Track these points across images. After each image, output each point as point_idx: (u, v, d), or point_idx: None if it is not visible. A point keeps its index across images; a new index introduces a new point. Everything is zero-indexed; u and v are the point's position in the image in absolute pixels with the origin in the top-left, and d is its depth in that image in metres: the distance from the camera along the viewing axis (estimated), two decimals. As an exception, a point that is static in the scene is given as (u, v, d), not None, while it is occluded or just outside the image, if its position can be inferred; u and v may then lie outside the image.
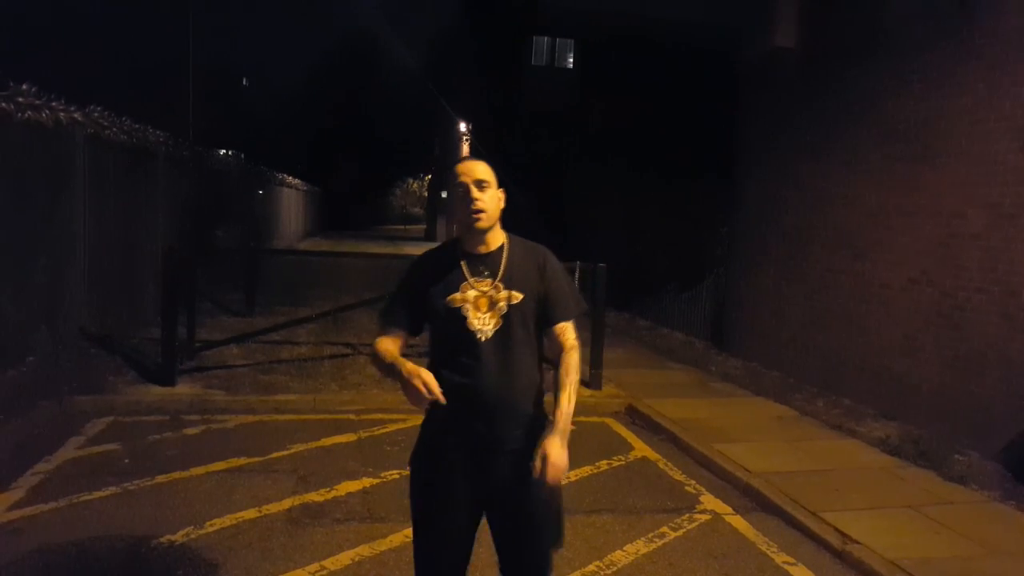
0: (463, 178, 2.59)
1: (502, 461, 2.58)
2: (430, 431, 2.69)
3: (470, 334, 2.56)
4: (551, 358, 2.70)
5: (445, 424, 2.61)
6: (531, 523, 2.63)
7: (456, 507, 2.62)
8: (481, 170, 2.60)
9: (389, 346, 2.65)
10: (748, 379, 9.03)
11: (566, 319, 2.68)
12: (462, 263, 2.63)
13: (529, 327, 2.64)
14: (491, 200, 2.60)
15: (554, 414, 2.52)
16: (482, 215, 2.58)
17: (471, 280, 2.60)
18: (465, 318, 2.57)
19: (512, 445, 2.57)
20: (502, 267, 2.62)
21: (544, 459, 2.40)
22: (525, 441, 2.55)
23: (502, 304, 2.58)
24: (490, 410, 2.56)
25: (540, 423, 2.61)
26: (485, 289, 2.59)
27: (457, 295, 2.59)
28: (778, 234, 9.58)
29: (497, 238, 2.68)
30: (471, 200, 2.56)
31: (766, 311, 9.79)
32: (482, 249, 2.65)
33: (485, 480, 2.60)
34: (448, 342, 2.62)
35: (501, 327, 2.58)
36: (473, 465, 2.59)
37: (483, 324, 2.57)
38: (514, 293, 2.60)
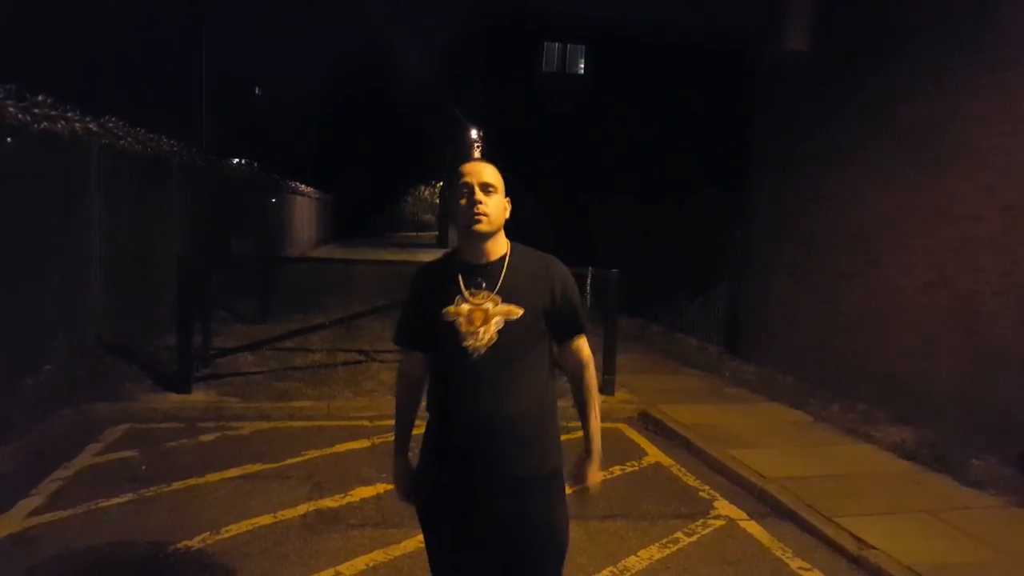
0: (468, 178, 2.46)
1: (502, 492, 2.41)
2: (427, 460, 2.56)
3: (462, 351, 2.39)
4: (565, 372, 2.65)
5: (440, 452, 2.50)
6: (536, 545, 2.48)
7: (460, 542, 2.48)
8: (488, 173, 2.48)
9: (402, 404, 2.69)
10: (762, 384, 9.00)
11: (580, 333, 2.58)
12: (459, 275, 2.48)
13: (532, 344, 2.46)
14: (495, 206, 2.46)
15: (585, 438, 2.61)
16: (483, 218, 2.43)
17: (466, 292, 2.44)
18: (457, 333, 2.40)
19: (512, 474, 2.41)
20: (501, 279, 2.45)
21: (582, 482, 2.50)
22: (527, 470, 2.43)
23: (498, 319, 2.40)
24: (484, 435, 2.39)
25: (546, 448, 2.50)
26: (480, 302, 2.42)
27: (451, 308, 2.43)
28: (792, 238, 9.55)
29: (499, 248, 2.51)
30: (474, 202, 2.42)
31: (780, 316, 9.76)
32: (481, 259, 2.49)
33: (486, 513, 2.42)
34: (443, 359, 2.48)
35: (496, 343, 2.39)
36: (472, 497, 2.42)
37: (476, 341, 2.39)
38: (513, 308, 2.42)
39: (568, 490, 2.57)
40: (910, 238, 7.55)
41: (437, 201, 53.93)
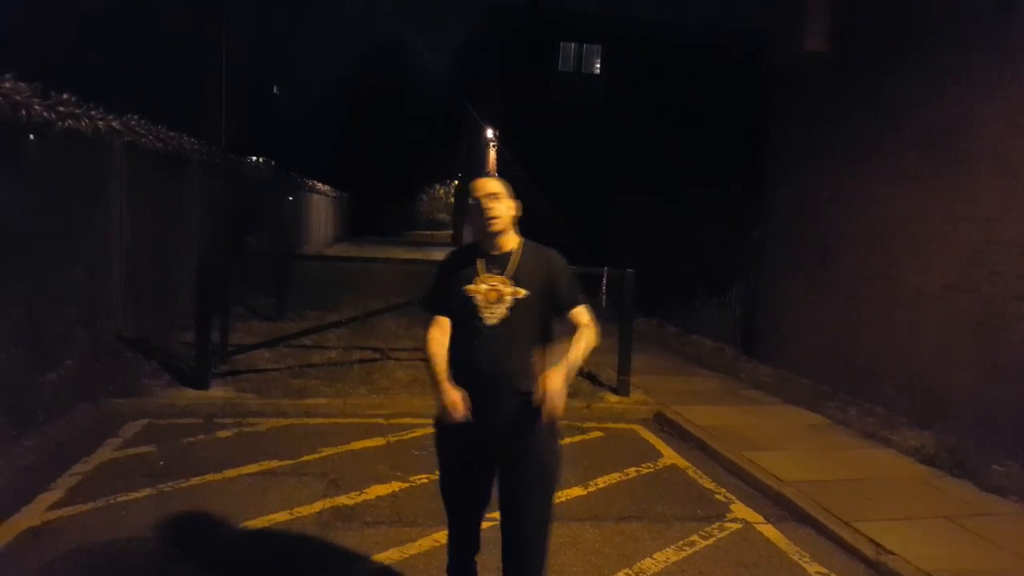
0: (478, 193, 3.19)
1: (501, 423, 3.10)
2: None
3: (479, 320, 3.12)
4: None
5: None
6: (528, 475, 3.16)
7: (468, 459, 3.21)
8: (492, 184, 3.20)
9: (437, 347, 3.17)
10: (779, 387, 8.95)
11: (572, 307, 3.19)
12: (478, 261, 3.19)
13: (532, 318, 3.15)
14: (503, 208, 3.16)
15: (564, 354, 3.09)
16: (495, 220, 3.15)
17: (484, 276, 3.15)
18: (477, 306, 3.12)
19: (509, 410, 3.08)
20: (511, 267, 3.17)
21: (544, 386, 2.89)
22: (520, 408, 3.06)
23: (508, 298, 3.12)
24: (491, 382, 3.09)
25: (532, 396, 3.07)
26: (495, 283, 3.13)
27: (471, 287, 3.14)
28: (809, 240, 9.50)
29: (510, 242, 3.22)
30: (486, 209, 3.14)
31: (797, 318, 9.71)
32: (496, 251, 3.20)
33: (488, 438, 3.13)
34: (463, 325, 3.17)
35: (506, 316, 3.11)
36: (481, 426, 3.07)
37: (491, 313, 3.11)
38: (519, 289, 3.13)
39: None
40: (928, 240, 7.49)
41: (452, 200, 53.98)
